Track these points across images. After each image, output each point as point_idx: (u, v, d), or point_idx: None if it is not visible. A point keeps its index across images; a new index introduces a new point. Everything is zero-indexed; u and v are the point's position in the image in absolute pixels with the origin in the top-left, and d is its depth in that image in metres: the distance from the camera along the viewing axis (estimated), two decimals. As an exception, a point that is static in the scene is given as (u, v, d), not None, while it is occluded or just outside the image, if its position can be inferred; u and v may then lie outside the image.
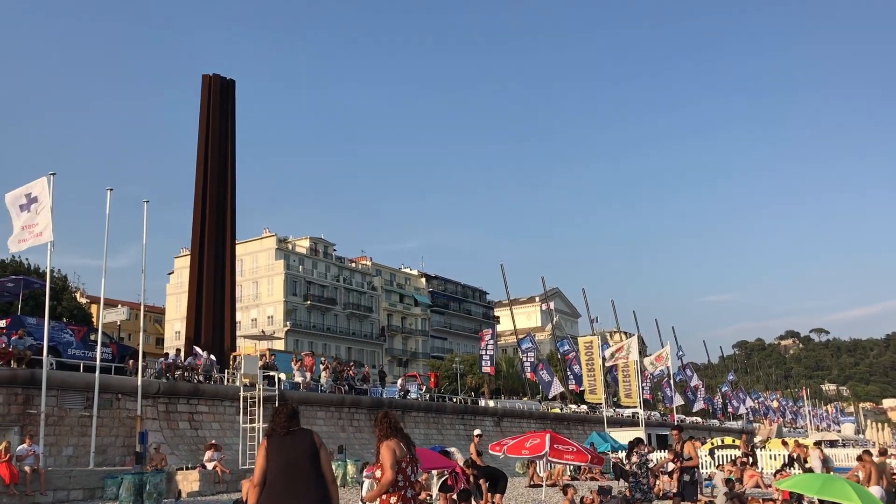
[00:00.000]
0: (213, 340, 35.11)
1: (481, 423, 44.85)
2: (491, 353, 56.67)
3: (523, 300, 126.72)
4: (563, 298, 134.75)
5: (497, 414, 48.47)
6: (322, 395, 34.50)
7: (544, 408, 58.77)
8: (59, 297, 51.81)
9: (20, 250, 23.79)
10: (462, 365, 74.26)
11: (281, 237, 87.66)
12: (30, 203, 21.68)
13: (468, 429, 41.90)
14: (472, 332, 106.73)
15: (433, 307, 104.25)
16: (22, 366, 23.11)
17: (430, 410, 41.72)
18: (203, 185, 37.81)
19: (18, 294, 28.97)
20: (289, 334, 79.79)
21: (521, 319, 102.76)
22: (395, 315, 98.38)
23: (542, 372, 58.40)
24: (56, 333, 25.56)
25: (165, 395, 27.00)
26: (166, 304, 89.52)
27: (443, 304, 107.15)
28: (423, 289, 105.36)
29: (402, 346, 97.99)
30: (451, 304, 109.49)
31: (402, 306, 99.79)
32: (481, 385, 73.31)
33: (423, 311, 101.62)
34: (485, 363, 56.83)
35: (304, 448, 5.58)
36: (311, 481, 5.50)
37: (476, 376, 74.71)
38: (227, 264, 37.75)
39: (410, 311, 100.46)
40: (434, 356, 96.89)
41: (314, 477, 5.53)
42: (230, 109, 39.93)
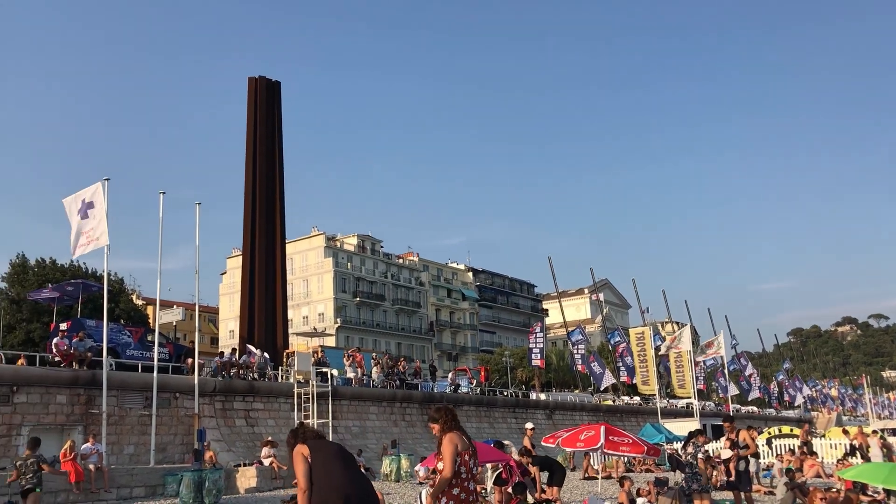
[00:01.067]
0: (266, 338, 35.62)
1: (533, 416, 44.66)
2: (541, 346, 56.34)
3: (572, 292, 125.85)
4: (612, 289, 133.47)
5: (549, 407, 48.22)
6: (374, 391, 34.70)
7: (596, 400, 58.30)
8: (117, 299, 53.00)
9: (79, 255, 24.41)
10: (512, 358, 74.13)
11: (329, 235, 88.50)
12: (86, 208, 22.22)
13: (520, 422, 41.76)
14: (520, 326, 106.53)
15: (481, 301, 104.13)
16: (83, 367, 23.71)
17: (482, 404, 41.64)
18: (252, 185, 38.34)
19: (78, 297, 29.68)
20: (339, 331, 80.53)
21: (570, 312, 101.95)
22: (443, 310, 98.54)
23: (594, 364, 57.92)
24: (115, 335, 26.17)
25: (221, 393, 27.45)
26: (220, 304, 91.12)
27: (490, 298, 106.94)
28: (470, 283, 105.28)
29: (451, 340, 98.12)
30: (499, 297, 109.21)
31: (449, 301, 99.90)
32: (532, 378, 73.06)
33: (470, 306, 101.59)
34: (535, 356, 56.54)
35: (339, 447, 5.70)
36: (358, 469, 5.65)
37: (526, 370, 74.51)
38: (278, 263, 38.23)
39: (458, 306, 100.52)
40: (483, 350, 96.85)
41: (357, 466, 5.69)
42: (276, 111, 40.38)
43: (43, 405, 22.29)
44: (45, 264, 53.78)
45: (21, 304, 49.29)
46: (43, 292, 31.18)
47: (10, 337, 47.18)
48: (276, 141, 39.82)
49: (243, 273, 38.39)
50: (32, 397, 22.10)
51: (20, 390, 21.80)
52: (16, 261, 53.58)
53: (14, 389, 21.66)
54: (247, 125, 39.63)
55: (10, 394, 21.58)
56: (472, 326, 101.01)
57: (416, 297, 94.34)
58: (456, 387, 42.24)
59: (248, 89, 40.03)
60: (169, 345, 29.06)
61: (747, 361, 79.99)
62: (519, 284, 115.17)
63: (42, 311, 46.71)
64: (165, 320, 33.01)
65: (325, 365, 32.37)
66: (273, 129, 39.81)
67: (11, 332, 47.91)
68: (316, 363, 30.59)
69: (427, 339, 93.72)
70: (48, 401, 22.43)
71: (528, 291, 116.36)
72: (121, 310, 53.05)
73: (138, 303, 65.93)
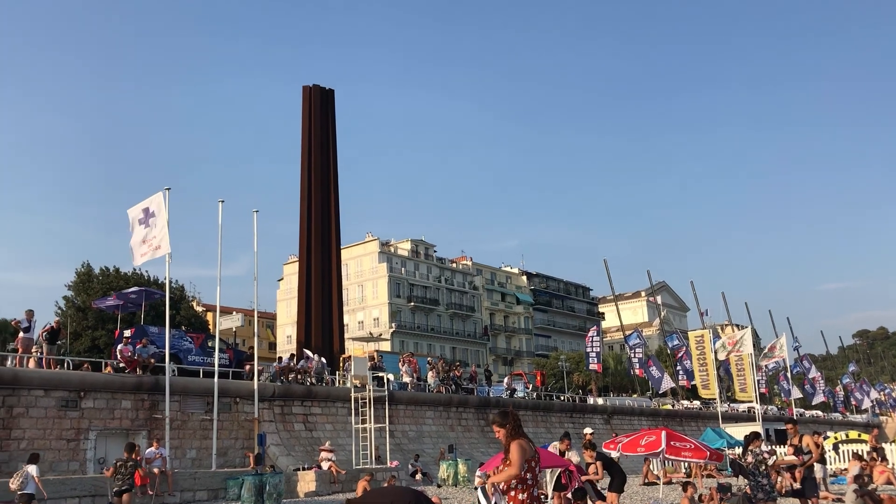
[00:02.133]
0: (323, 343, 36.03)
1: (590, 420, 44.19)
2: (597, 350, 55.67)
3: (628, 295, 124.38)
4: (670, 292, 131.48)
5: (606, 411, 47.68)
6: (430, 395, 34.75)
7: (655, 404, 57.51)
8: (178, 306, 54.23)
9: (141, 263, 25.02)
10: (568, 363, 73.53)
11: (383, 241, 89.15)
12: (148, 217, 22.78)
13: (577, 427, 41.35)
14: (576, 330, 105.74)
15: (535, 305, 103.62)
16: (147, 373, 24.28)
17: (538, 409, 41.38)
18: (307, 193, 38.85)
19: (141, 305, 30.39)
20: (394, 335, 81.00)
21: (627, 315, 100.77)
22: (497, 314, 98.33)
23: (652, 368, 57.09)
24: (176, 341, 26.73)
25: (280, 398, 27.81)
26: (277, 310, 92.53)
27: (545, 301, 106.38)
28: (524, 287, 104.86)
29: (506, 344, 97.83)
30: (554, 301, 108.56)
31: (504, 305, 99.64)
32: (588, 382, 72.36)
33: (525, 310, 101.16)
34: (591, 360, 55.89)
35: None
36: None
37: (583, 374, 73.85)
38: (334, 269, 38.65)
39: (513, 310, 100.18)
40: (538, 354, 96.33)
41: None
42: (330, 119, 40.87)
43: (109, 410, 22.86)
44: (108, 273, 55.28)
45: (86, 311, 50.70)
46: (107, 300, 31.98)
47: (77, 344, 48.53)
48: (330, 148, 40.28)
49: (300, 279, 38.92)
50: (99, 402, 22.69)
51: (87, 395, 22.39)
52: (81, 270, 55.17)
53: (81, 395, 22.26)
54: (301, 134, 40.20)
55: (77, 399, 22.19)
56: (526, 330, 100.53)
57: (470, 301, 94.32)
58: (512, 391, 42.07)
59: (303, 98, 40.60)
60: (229, 350, 29.57)
61: (811, 364, 77.85)
62: (574, 288, 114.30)
63: (106, 319, 48.00)
64: (225, 326, 33.58)
65: (381, 369, 32.54)
66: (327, 136, 40.29)
67: (78, 340, 49.31)
68: (372, 368, 30.78)
69: (481, 343, 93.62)
70: (114, 406, 23.00)
71: (583, 295, 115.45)
72: (182, 316, 54.20)
73: (198, 309, 67.29)
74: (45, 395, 21.60)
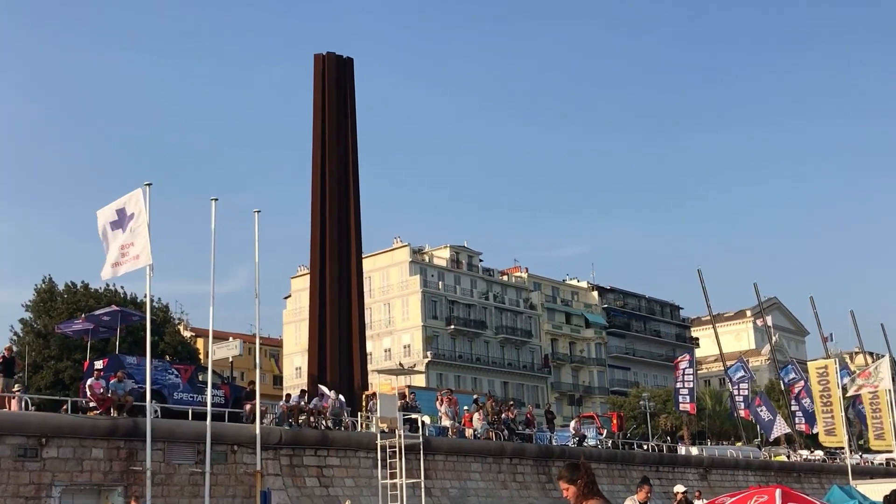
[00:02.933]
0: (341, 377, 36.18)
1: (682, 476, 43.76)
2: (690, 386, 55.33)
3: (730, 315, 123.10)
4: (783, 311, 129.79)
5: (703, 464, 47.29)
6: (476, 443, 34.67)
7: (765, 455, 56.95)
8: (161, 331, 54.95)
9: (114, 277, 25.34)
10: (652, 402, 72.84)
11: (415, 247, 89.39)
12: (123, 220, 23.08)
13: (666, 483, 40.91)
14: (662, 360, 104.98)
15: (610, 328, 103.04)
16: (123, 414, 24.58)
17: (615, 461, 41.12)
18: (321, 187, 39.10)
19: (116, 329, 30.85)
20: (430, 367, 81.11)
21: (727, 341, 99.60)
22: (560, 340, 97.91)
23: (760, 408, 56.42)
24: (160, 374, 27.08)
25: (289, 446, 27.96)
26: (284, 335, 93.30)
27: (622, 324, 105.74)
28: (595, 305, 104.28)
29: (572, 378, 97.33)
30: (634, 323, 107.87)
31: (569, 328, 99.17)
32: (679, 427, 71.90)
33: (596, 334, 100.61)
34: (682, 399, 55.57)
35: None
36: None
37: (672, 416, 73.29)
38: (354, 283, 38.84)
39: (581, 335, 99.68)
40: (614, 391, 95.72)
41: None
42: (349, 94, 41.12)
43: (76, 461, 23.18)
44: (75, 290, 56.22)
45: (49, 338, 51.53)
46: (74, 324, 32.52)
47: (37, 378, 49.36)
48: (348, 132, 40.53)
49: (311, 296, 39.15)
50: (64, 451, 23.03)
51: (49, 442, 22.72)
52: (42, 286, 56.07)
53: (43, 442, 22.57)
54: (313, 114, 40.48)
55: (38, 447, 22.51)
56: (599, 361, 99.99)
57: (526, 323, 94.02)
58: (581, 438, 41.87)
59: (315, 69, 40.90)
60: (224, 386, 29.86)
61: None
62: (660, 306, 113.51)
63: (73, 347, 48.78)
64: (220, 356, 33.95)
65: (414, 410, 32.55)
66: (346, 116, 40.55)
67: (38, 373, 50.15)
68: (403, 408, 30.78)
69: (541, 377, 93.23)
70: (82, 455, 23.33)
71: (672, 315, 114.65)
72: (166, 343, 54.90)
73: (186, 335, 68.15)
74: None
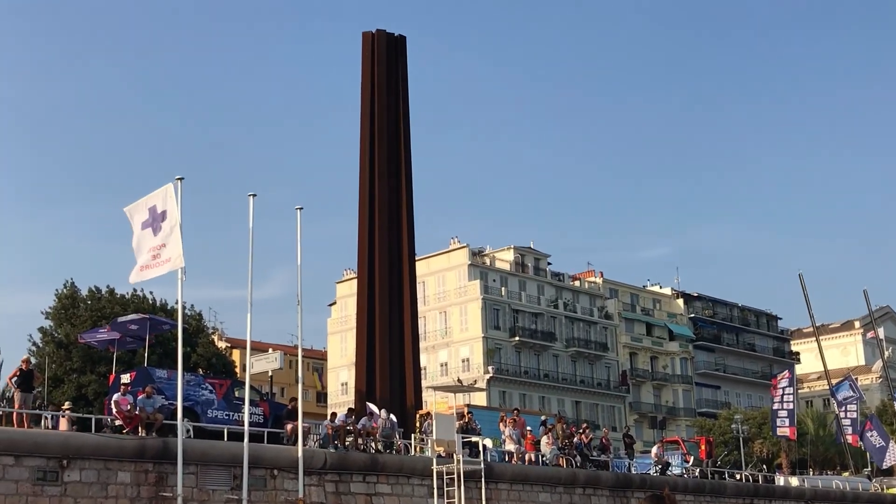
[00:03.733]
0: (392, 394, 36.27)
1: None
2: (790, 408, 54.71)
3: (835, 326, 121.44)
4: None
5: (804, 497, 46.84)
6: (545, 470, 34.60)
7: (876, 486, 56.02)
8: (194, 341, 55.65)
9: (142, 281, 25.75)
10: (746, 425, 72.09)
11: (475, 249, 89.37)
12: (153, 219, 23.45)
13: (761, 519, 40.62)
14: (757, 377, 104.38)
15: (697, 341, 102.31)
16: (152, 433, 24.91)
17: (703, 492, 40.87)
18: (369, 182, 39.27)
19: (144, 339, 31.15)
20: (491, 383, 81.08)
21: (833, 356, 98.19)
22: (640, 354, 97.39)
23: (871, 433, 55.54)
24: (192, 389, 27.36)
25: (334, 471, 28.08)
26: (328, 347, 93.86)
27: (712, 336, 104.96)
28: (680, 315, 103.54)
29: (654, 398, 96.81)
30: (725, 335, 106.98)
31: (650, 341, 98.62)
32: (777, 454, 71.18)
33: (682, 348, 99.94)
34: (780, 422, 54.97)
35: None
36: None
37: (768, 441, 72.55)
38: (406, 289, 38.93)
39: (664, 348, 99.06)
40: (702, 413, 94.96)
41: None
42: (401, 76, 41.20)
43: (100, 485, 23.47)
44: (99, 295, 57.10)
45: (71, 348, 52.41)
46: (98, 333, 33.01)
47: (57, 392, 50.11)
48: (400, 119, 40.62)
49: (359, 304, 39.36)
50: (87, 474, 23.32)
51: (71, 465, 23.01)
52: (63, 291, 57.02)
53: (64, 464, 22.86)
54: (361, 99, 40.68)
55: (58, 469, 22.82)
56: (684, 378, 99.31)
57: (601, 335, 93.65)
58: (664, 466, 41.67)
59: (363, 49, 41.08)
60: (263, 403, 30.07)
61: None
62: (755, 316, 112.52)
63: (97, 358, 49.57)
64: (258, 369, 34.18)
65: (474, 432, 32.54)
66: (397, 102, 40.65)
67: (59, 387, 50.94)
68: (462, 430, 30.80)
69: (618, 396, 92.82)
70: (107, 479, 23.62)
71: (768, 326, 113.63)
72: (199, 355, 55.48)
73: (221, 346, 68.89)
74: (16, 464, 22.27)
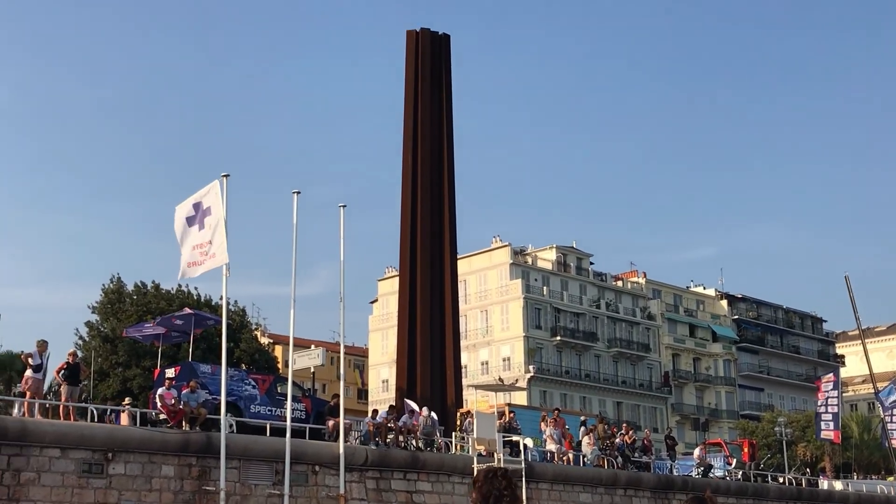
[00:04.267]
0: (433, 392, 36.45)
1: (824, 514, 43.06)
2: (834, 411, 54.11)
3: (882, 329, 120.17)
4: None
5: (848, 501, 46.48)
6: (586, 470, 34.60)
7: (923, 493, 55.35)
8: (237, 336, 56.05)
9: (191, 277, 26.01)
10: (790, 428, 71.54)
11: (517, 248, 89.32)
12: (199, 216, 23.68)
13: (804, 523, 40.34)
14: (801, 380, 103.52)
15: (741, 343, 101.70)
16: (195, 428, 25.17)
17: (746, 495, 40.74)
18: (412, 180, 39.44)
19: (189, 334, 31.52)
20: (532, 383, 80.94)
21: (879, 359, 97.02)
22: (683, 355, 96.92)
23: (918, 438, 54.64)
24: (236, 385, 27.64)
25: (375, 468, 28.24)
26: (369, 344, 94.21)
27: (756, 338, 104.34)
28: (724, 316, 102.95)
29: (696, 400, 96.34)
30: (769, 337, 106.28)
31: (693, 342, 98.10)
32: (820, 458, 70.73)
33: (725, 349, 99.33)
34: (825, 425, 54.40)
35: None
36: None
37: (812, 445, 71.97)
38: (448, 287, 39.06)
39: (707, 350, 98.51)
40: (745, 415, 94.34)
41: None
42: (445, 75, 41.38)
43: (144, 478, 23.75)
44: (145, 290, 57.66)
45: (116, 342, 53.03)
46: (144, 327, 33.44)
47: (103, 386, 50.80)
48: (443, 117, 40.78)
49: (401, 301, 39.53)
50: (132, 467, 23.62)
51: (116, 458, 23.31)
52: (109, 286, 57.62)
53: (109, 457, 23.17)
54: (405, 97, 40.86)
55: (104, 462, 23.11)
56: (727, 380, 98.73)
57: (644, 336, 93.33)
58: (706, 468, 41.49)
59: (407, 47, 41.28)
60: (305, 399, 30.32)
61: None
62: (800, 318, 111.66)
63: (142, 353, 50.15)
64: (301, 365, 34.41)
65: (514, 431, 32.57)
66: (440, 101, 40.82)
67: (104, 381, 51.61)
68: (503, 429, 30.83)
69: (660, 397, 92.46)
70: (151, 472, 23.90)
71: (813, 328, 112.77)
72: (242, 351, 55.92)
73: (264, 341, 69.30)
74: (62, 456, 22.59)
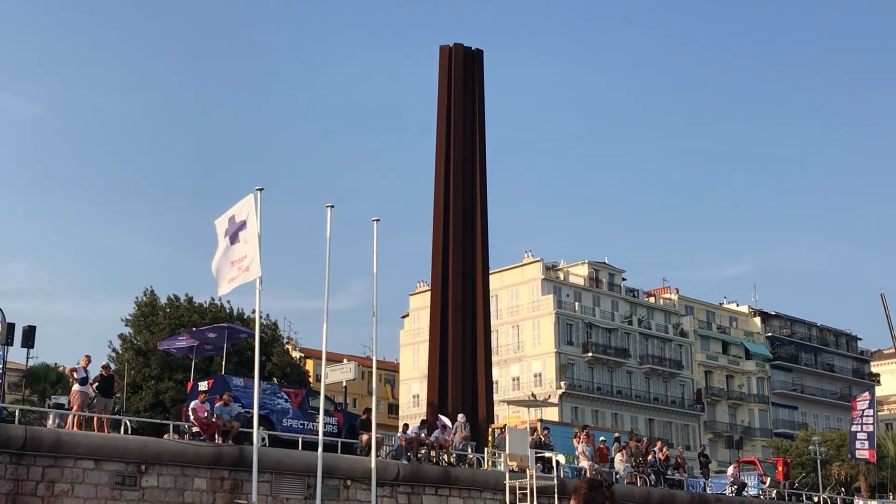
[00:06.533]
0: (464, 407, 36.36)
1: (859, 534, 42.64)
2: (869, 430, 53.54)
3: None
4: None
5: (884, 522, 45.88)
6: (618, 488, 34.29)
7: (961, 514, 54.75)
8: (269, 350, 56.32)
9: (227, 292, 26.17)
10: (824, 447, 70.96)
11: (549, 263, 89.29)
12: (235, 229, 23.85)
13: (839, 543, 40.00)
14: (836, 398, 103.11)
15: (775, 361, 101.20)
16: (228, 441, 25.31)
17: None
18: (444, 195, 39.48)
19: (222, 347, 31.75)
20: (564, 399, 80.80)
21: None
22: (716, 372, 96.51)
23: (955, 458, 54.06)
24: (268, 398, 27.76)
25: (407, 483, 28.26)
26: (400, 358, 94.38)
27: (789, 355, 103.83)
28: (757, 333, 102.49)
29: (729, 417, 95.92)
30: (804, 355, 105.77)
31: (726, 359, 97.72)
32: (855, 477, 70.12)
33: (759, 367, 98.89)
34: (860, 444, 53.83)
35: None
36: None
37: (846, 464, 71.31)
38: (480, 302, 39.03)
39: (740, 367, 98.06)
40: (778, 433, 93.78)
41: None
42: (478, 90, 41.47)
43: (177, 491, 23.94)
44: (178, 303, 58.06)
45: (149, 355, 53.43)
46: (177, 340, 33.63)
47: (136, 399, 51.22)
48: (476, 133, 40.84)
49: (432, 316, 39.52)
50: (165, 480, 23.82)
51: (149, 470, 23.53)
52: (143, 299, 58.10)
53: (142, 469, 23.41)
54: (437, 112, 40.94)
55: (137, 474, 23.34)
56: (761, 398, 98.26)
57: (676, 352, 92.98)
58: (740, 487, 41.25)
59: (440, 62, 41.38)
60: (337, 413, 30.38)
61: None
62: (834, 336, 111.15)
63: (175, 366, 50.50)
64: (333, 379, 34.53)
65: (547, 447, 32.49)
66: (473, 116, 40.89)
67: (137, 393, 52.02)
68: (535, 445, 30.77)
69: (693, 414, 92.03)
70: (184, 485, 24.08)
71: (848, 346, 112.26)
72: (274, 364, 56.16)
73: (296, 355, 69.58)
74: (96, 468, 22.85)
